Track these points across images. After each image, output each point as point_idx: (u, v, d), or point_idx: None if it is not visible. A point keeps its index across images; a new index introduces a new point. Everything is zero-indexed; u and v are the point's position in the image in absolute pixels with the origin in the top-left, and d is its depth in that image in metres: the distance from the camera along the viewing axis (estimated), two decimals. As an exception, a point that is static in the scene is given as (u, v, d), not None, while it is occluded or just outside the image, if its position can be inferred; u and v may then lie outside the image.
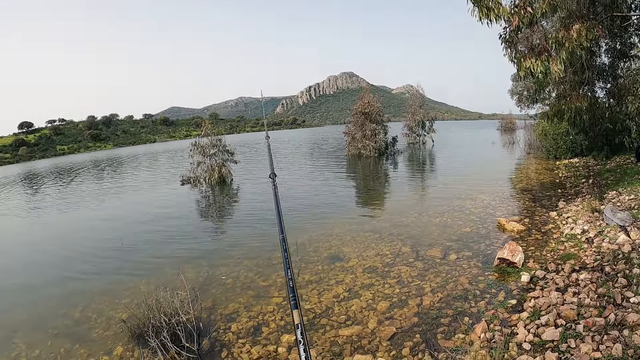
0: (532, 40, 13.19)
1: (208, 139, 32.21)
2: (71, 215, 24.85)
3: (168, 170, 47.36)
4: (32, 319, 10.97)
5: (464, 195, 19.03)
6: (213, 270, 12.61)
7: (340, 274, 11.11)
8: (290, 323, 8.78)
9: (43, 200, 33.89)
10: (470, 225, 14.21)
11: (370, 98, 42.14)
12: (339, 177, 30.13)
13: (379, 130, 41.76)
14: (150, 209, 24.28)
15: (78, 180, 46.32)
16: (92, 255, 16.00)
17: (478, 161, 32.72)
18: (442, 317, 8.13)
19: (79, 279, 13.51)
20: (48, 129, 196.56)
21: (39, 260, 16.31)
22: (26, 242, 19.53)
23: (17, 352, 9.25)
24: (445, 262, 11.11)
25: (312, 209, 19.57)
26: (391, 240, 13.46)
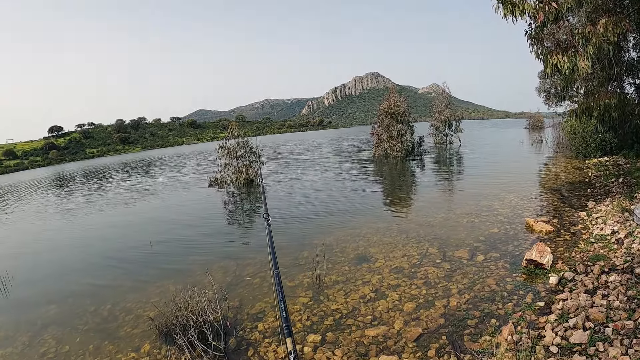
0: (558, 36, 13.03)
1: (235, 141, 32.48)
2: (101, 217, 25.35)
3: (196, 172, 47.86)
4: (62, 316, 11.29)
5: (492, 195, 18.87)
6: (240, 271, 12.76)
7: (367, 275, 11.14)
8: (317, 322, 8.87)
9: (73, 201, 34.64)
10: (498, 225, 14.09)
11: (396, 98, 41.80)
12: (365, 178, 30.11)
13: (405, 131, 41.51)
14: (178, 211, 24.63)
15: (107, 183, 47.10)
16: (122, 255, 16.34)
17: (506, 160, 32.30)
18: (468, 319, 8.10)
19: (108, 278, 13.84)
20: (77, 133, 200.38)
21: (70, 259, 16.74)
22: (57, 242, 19.98)
23: (46, 347, 9.53)
24: (473, 263, 11.05)
25: (338, 210, 19.65)
26: (418, 241, 13.43)
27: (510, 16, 12.27)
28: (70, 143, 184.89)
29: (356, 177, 30.75)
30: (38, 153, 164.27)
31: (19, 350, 9.63)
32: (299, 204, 22.13)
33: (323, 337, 8.28)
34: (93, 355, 8.85)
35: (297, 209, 20.57)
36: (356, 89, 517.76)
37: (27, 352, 9.47)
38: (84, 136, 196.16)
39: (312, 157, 53.39)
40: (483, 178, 24.22)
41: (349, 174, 32.73)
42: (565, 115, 32.35)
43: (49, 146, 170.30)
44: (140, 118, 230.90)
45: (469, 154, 39.11)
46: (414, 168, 33.76)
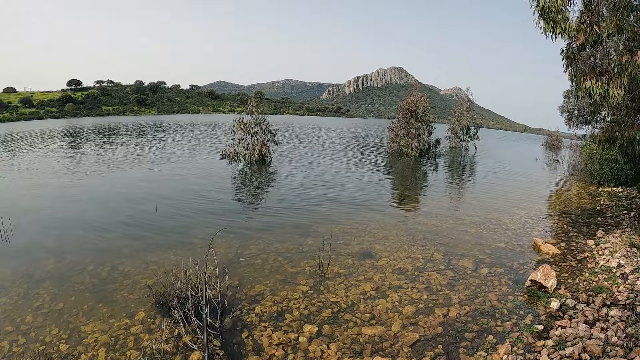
0: (594, 60, 12.89)
1: (252, 117, 32.45)
2: (110, 177, 25.36)
3: (208, 143, 47.79)
4: (60, 272, 11.29)
5: (502, 208, 18.84)
6: (243, 249, 12.80)
7: (369, 271, 11.17)
8: (315, 313, 8.90)
9: (84, 159, 34.59)
10: (505, 240, 14.08)
11: (419, 96, 41.41)
12: (377, 172, 30.15)
13: (423, 130, 41.19)
14: (187, 180, 24.66)
15: (121, 143, 47.09)
16: (127, 218, 16.35)
17: (519, 175, 31.98)
18: (466, 332, 8.11)
19: (110, 239, 13.84)
20: (95, 89, 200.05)
21: (73, 216, 16.70)
22: (62, 198, 19.96)
23: (40, 302, 9.55)
24: (476, 275, 11.05)
25: (347, 201, 19.64)
26: (424, 244, 13.44)
27: (551, 33, 12.16)
28: (88, 98, 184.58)
29: (368, 170, 30.77)
30: (54, 104, 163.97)
31: (13, 301, 9.62)
32: (308, 189, 22.13)
33: (319, 328, 8.31)
34: (87, 316, 8.86)
35: (305, 195, 20.60)
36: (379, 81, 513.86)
37: (20, 305, 9.45)
38: (101, 93, 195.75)
39: (326, 143, 53.20)
40: (495, 190, 24.15)
41: (361, 166, 32.76)
42: (586, 139, 32.06)
43: (66, 99, 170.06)
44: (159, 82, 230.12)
45: (483, 163, 38.93)
46: (426, 169, 33.64)
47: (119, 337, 8.17)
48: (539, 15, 12.23)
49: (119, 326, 8.52)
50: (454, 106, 55.40)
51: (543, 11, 12.03)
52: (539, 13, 12.23)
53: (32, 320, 8.80)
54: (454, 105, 56.06)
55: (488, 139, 73.75)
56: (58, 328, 8.48)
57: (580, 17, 12.25)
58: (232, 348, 7.80)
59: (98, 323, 8.59)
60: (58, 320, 8.78)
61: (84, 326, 8.52)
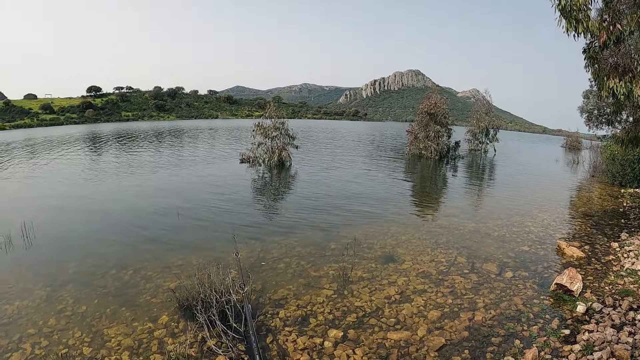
0: (617, 59, 12.77)
1: (271, 121, 32.61)
2: (131, 182, 25.65)
3: (228, 147, 48.03)
4: (82, 274, 11.48)
5: (524, 211, 18.69)
6: (265, 253, 12.88)
7: (393, 275, 11.17)
8: (339, 318, 8.92)
9: (106, 164, 35.01)
10: (528, 244, 13.97)
11: (438, 99, 41.23)
12: (397, 176, 30.02)
13: (442, 133, 41.02)
14: (208, 184, 24.84)
15: (141, 148, 47.56)
16: (148, 222, 16.57)
17: (540, 177, 31.68)
18: (493, 336, 8.09)
19: (133, 243, 14.05)
20: (115, 95, 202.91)
21: (96, 220, 16.94)
22: (84, 202, 20.22)
23: (63, 305, 9.71)
24: (501, 278, 11.00)
25: (368, 204, 19.65)
26: (447, 248, 13.40)
27: (573, 32, 12.10)
28: (107, 104, 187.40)
29: (388, 173, 30.67)
30: (75, 110, 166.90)
31: (36, 304, 9.78)
32: (329, 193, 22.14)
33: (345, 333, 8.33)
34: (109, 320, 8.99)
35: (326, 198, 20.64)
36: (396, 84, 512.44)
37: (43, 307, 9.61)
38: (121, 99, 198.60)
39: (345, 147, 53.14)
40: (516, 192, 23.94)
41: (380, 169, 32.65)
42: (607, 139, 31.67)
43: (86, 105, 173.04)
44: (177, 87, 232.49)
45: (503, 165, 38.59)
46: (446, 172, 33.49)
47: (142, 340, 8.28)
48: (560, 14, 12.19)
49: (142, 330, 8.62)
50: (473, 108, 54.85)
51: (565, 10, 11.99)
52: (560, 12, 12.20)
53: (55, 323, 8.94)
54: (473, 107, 55.54)
55: (507, 141, 73.10)
56: (81, 331, 8.61)
57: (601, 15, 12.19)
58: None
59: (121, 326, 8.72)
60: (81, 324, 8.91)
61: (107, 329, 8.64)
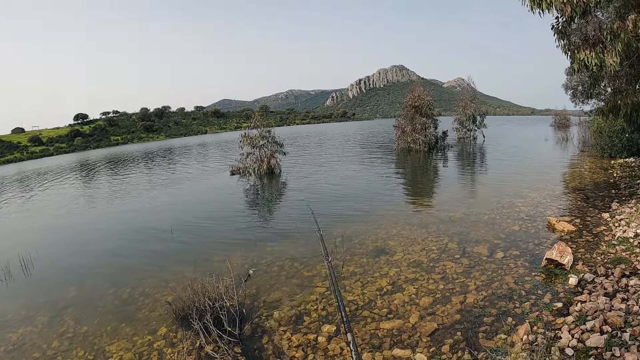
0: (586, 32, 12.76)
1: (257, 131, 32.63)
2: (123, 203, 25.81)
3: (218, 161, 48.24)
4: (82, 297, 11.65)
5: (514, 192, 18.67)
6: (259, 259, 12.91)
7: (384, 267, 11.17)
8: (332, 313, 8.94)
9: (96, 188, 35.29)
10: (519, 223, 13.93)
11: (421, 91, 41.31)
12: (387, 171, 30.06)
13: (429, 124, 40.99)
14: (199, 198, 25.02)
15: (132, 171, 47.67)
16: (143, 242, 16.73)
17: (530, 158, 31.66)
18: (485, 316, 8.06)
19: (128, 262, 14.23)
20: (102, 120, 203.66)
21: (91, 244, 17.17)
22: (78, 227, 20.37)
23: (65, 327, 9.85)
24: (492, 260, 10.96)
25: (359, 201, 19.71)
26: (438, 236, 13.38)
27: (537, 9, 12.15)
28: (95, 130, 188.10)
29: (378, 170, 30.71)
30: (63, 140, 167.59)
31: (39, 329, 9.94)
32: (320, 195, 22.20)
33: (338, 327, 8.33)
34: (110, 336, 9.11)
35: (318, 200, 20.64)
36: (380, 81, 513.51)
37: (45, 332, 9.78)
38: (108, 124, 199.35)
39: (335, 148, 53.28)
40: (506, 175, 23.97)
41: (371, 167, 32.72)
42: (592, 114, 31.76)
43: (74, 133, 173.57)
44: (164, 107, 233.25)
45: (493, 150, 38.58)
46: (436, 162, 33.51)
47: (142, 353, 8.36)
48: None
49: (142, 343, 8.71)
50: (457, 96, 54.95)
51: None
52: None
53: (58, 345, 9.05)
54: (457, 96, 55.62)
55: (495, 126, 73.01)
56: (84, 350, 8.72)
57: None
58: (253, 353, 7.89)
59: (122, 342, 8.81)
60: (83, 343, 9.03)
61: (109, 346, 8.75)
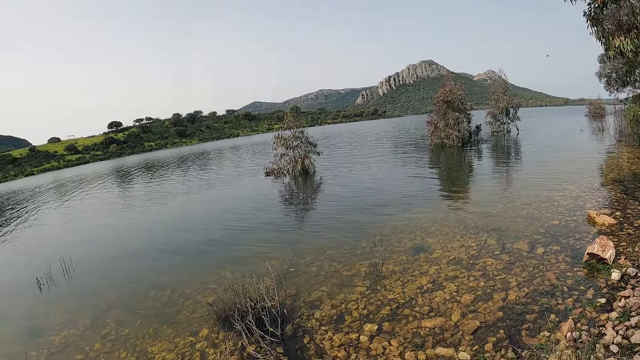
0: (619, 17, 12.52)
1: (291, 132, 32.86)
2: (160, 207, 26.42)
3: (252, 163, 48.59)
4: (124, 300, 12.02)
5: (552, 185, 18.40)
6: (297, 259, 13.07)
7: (424, 265, 11.17)
8: (373, 312, 9.00)
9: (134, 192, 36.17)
10: (558, 217, 13.74)
11: (452, 86, 40.94)
12: (421, 168, 29.93)
13: (462, 119, 40.55)
14: (235, 200, 25.40)
15: (167, 175, 48.41)
16: (181, 243, 17.11)
17: (566, 150, 30.99)
18: (527, 313, 8.02)
19: (168, 265, 14.59)
20: (136, 127, 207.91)
21: (130, 247, 17.71)
22: (118, 231, 20.91)
23: (108, 330, 10.20)
24: (532, 255, 10.87)
25: (395, 200, 19.65)
26: (476, 232, 13.29)
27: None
28: (129, 137, 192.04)
29: (412, 167, 30.57)
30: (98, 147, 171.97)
31: (81, 332, 10.37)
32: (356, 194, 22.25)
33: (379, 326, 8.41)
34: (152, 338, 9.40)
35: (354, 199, 20.78)
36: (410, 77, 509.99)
37: (88, 335, 10.17)
38: (142, 130, 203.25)
39: (368, 147, 53.13)
40: (542, 168, 23.57)
41: (404, 164, 32.62)
42: (628, 102, 31.08)
43: (108, 141, 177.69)
44: (196, 112, 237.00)
45: (527, 143, 37.91)
46: (471, 157, 33.19)
47: (185, 354, 8.59)
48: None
49: (184, 344, 8.95)
50: (489, 89, 54.13)
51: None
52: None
53: (101, 347, 9.40)
54: (489, 89, 54.78)
55: (529, 118, 71.63)
56: (126, 352, 9.02)
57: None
58: (295, 354, 8.02)
59: (164, 343, 9.07)
60: (125, 345, 9.34)
61: (151, 347, 9.03)
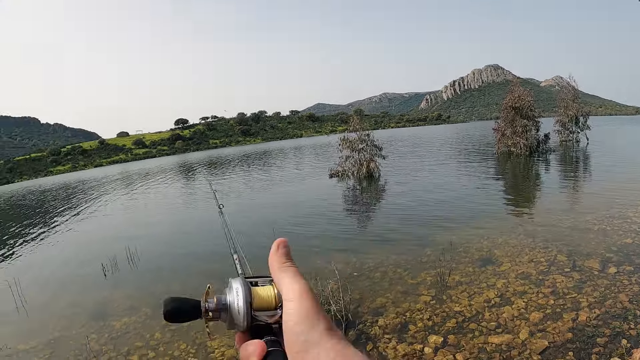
0: None
1: (356, 134, 33.06)
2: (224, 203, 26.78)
3: (315, 164, 49.01)
4: (185, 292, 12.05)
5: (625, 201, 17.72)
6: (361, 263, 13.16)
7: (491, 278, 11.03)
8: (439, 323, 8.95)
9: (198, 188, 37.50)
10: (632, 236, 13.23)
11: (521, 92, 39.97)
12: (487, 177, 29.35)
13: (530, 127, 39.53)
14: (299, 200, 25.99)
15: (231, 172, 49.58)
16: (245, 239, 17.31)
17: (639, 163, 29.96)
18: (598, 337, 7.81)
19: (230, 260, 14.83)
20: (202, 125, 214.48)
21: (195, 241, 18.52)
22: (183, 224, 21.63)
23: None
24: (604, 275, 10.53)
25: (461, 208, 19.50)
26: (545, 247, 12.98)
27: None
28: (195, 134, 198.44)
29: (478, 175, 30.12)
30: (165, 143, 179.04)
31: (142, 320, 10.91)
32: (420, 200, 22.10)
33: (445, 339, 8.37)
34: (212, 333, 9.56)
35: (418, 206, 20.67)
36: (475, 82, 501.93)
37: (149, 323, 10.66)
38: (207, 128, 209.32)
39: (432, 152, 52.70)
40: (614, 182, 22.58)
41: (470, 172, 32.15)
42: None
43: (175, 137, 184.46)
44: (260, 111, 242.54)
45: (598, 154, 36.50)
46: (538, 167, 32.35)
47: None
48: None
49: None
50: (558, 96, 52.55)
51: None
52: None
53: (161, 337, 9.79)
54: (558, 96, 53.19)
55: (598, 127, 68.49)
56: (186, 343, 9.36)
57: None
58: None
59: (224, 338, 9.25)
60: (185, 337, 9.67)
61: (211, 342, 9.29)
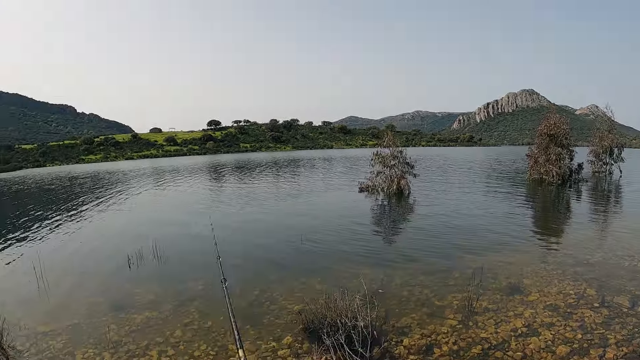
0: None
1: (389, 150, 33.13)
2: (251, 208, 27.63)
3: (345, 176, 49.04)
4: (209, 293, 12.58)
5: (657, 239, 17.42)
6: (388, 280, 13.18)
7: (519, 307, 10.95)
8: (464, 348, 8.95)
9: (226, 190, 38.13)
10: (664, 274, 13.03)
11: (557, 119, 39.30)
12: (518, 203, 29.01)
13: (564, 155, 38.87)
14: (328, 211, 26.02)
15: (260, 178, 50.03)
16: (272, 247, 17.82)
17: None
18: (625, 375, 7.76)
19: (257, 267, 15.20)
20: (233, 128, 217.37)
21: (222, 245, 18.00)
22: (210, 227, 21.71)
23: (190, 319, 10.72)
24: (633, 313, 10.41)
25: (491, 234, 19.30)
26: (575, 279, 12.85)
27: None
28: (227, 137, 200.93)
29: (508, 201, 29.77)
30: (196, 142, 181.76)
31: (164, 316, 11.01)
32: (449, 222, 22.01)
33: (469, 367, 8.34)
34: (232, 336, 9.64)
35: (447, 227, 20.60)
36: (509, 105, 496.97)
37: (170, 319, 10.76)
38: (239, 131, 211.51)
39: (462, 174, 52.24)
40: (647, 217, 22.23)
41: (500, 197, 31.85)
42: None
43: (206, 137, 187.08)
44: (292, 119, 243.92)
45: (632, 188, 35.65)
46: (570, 197, 31.83)
47: (266, 358, 8.84)
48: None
49: (266, 348, 9.20)
50: (594, 126, 51.94)
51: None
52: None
53: (181, 335, 9.86)
54: (594, 125, 52.58)
55: (634, 160, 67.57)
56: (206, 344, 9.41)
57: None
58: (381, 378, 8.06)
59: (245, 343, 9.22)
60: (206, 337, 9.74)
61: (232, 345, 9.26)
